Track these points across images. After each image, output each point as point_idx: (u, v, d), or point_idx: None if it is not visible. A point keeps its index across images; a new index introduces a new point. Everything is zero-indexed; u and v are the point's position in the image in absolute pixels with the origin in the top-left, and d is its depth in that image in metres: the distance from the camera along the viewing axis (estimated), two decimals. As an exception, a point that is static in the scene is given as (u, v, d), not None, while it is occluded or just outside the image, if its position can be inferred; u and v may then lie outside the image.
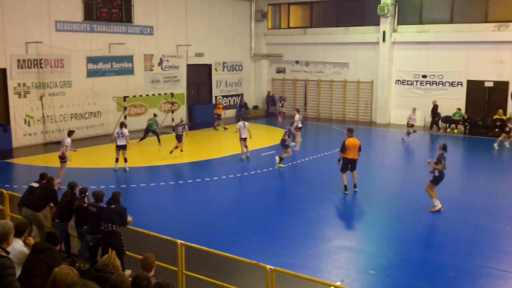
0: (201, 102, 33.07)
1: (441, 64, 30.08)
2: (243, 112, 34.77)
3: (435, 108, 28.87)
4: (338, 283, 9.63)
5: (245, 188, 17.33)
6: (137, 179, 18.13)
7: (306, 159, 21.32)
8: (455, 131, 28.96)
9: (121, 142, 18.73)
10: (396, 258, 11.30)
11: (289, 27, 36.03)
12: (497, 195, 16.61)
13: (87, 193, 10.70)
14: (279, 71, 36.74)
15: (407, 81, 31.56)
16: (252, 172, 19.02)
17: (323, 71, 34.65)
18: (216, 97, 33.87)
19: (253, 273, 9.93)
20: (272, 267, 8.03)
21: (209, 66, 33.52)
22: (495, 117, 27.53)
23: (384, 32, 31.31)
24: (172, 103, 28.41)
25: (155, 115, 25.44)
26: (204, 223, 13.49)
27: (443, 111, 29.33)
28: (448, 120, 29.40)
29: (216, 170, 19.81)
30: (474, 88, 29.28)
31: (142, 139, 24.47)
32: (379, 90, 32.11)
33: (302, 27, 35.42)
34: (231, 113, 34.86)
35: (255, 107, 36.43)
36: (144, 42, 28.83)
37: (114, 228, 9.62)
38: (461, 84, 29.76)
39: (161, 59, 29.89)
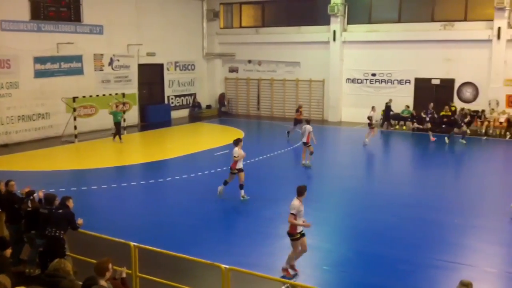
0: (154, 102, 32.71)
1: (390, 62, 30.82)
2: (196, 112, 34.75)
3: (388, 107, 29.55)
4: (292, 280, 9.74)
5: (200, 188, 17.25)
6: (89, 181, 17.78)
7: (260, 157, 21.41)
8: (404, 127, 29.73)
9: None
10: (350, 253, 11.51)
11: (241, 27, 36.09)
12: (445, 189, 17.12)
13: (32, 196, 10.38)
14: (232, 70, 36.76)
15: (358, 79, 32.17)
16: (206, 172, 18.97)
17: (276, 70, 34.89)
18: (168, 96, 33.63)
19: (208, 273, 9.92)
20: (227, 267, 8.04)
21: (161, 65, 33.18)
22: (442, 113, 28.36)
23: (334, 32, 31.80)
24: (124, 104, 27.99)
25: (116, 106, 25.06)
26: (160, 224, 13.37)
27: (393, 109, 30.10)
28: (397, 117, 30.16)
29: (170, 171, 19.67)
30: (422, 85, 30.15)
31: (115, 135, 24.12)
32: (331, 89, 32.61)
33: (254, 26, 35.55)
34: (184, 112, 34.72)
35: (208, 107, 36.31)
36: (94, 42, 28.24)
37: (58, 234, 9.35)
38: (409, 82, 30.59)
39: (111, 58, 29.38)
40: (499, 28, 27.47)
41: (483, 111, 28.08)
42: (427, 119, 26.18)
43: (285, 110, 34.77)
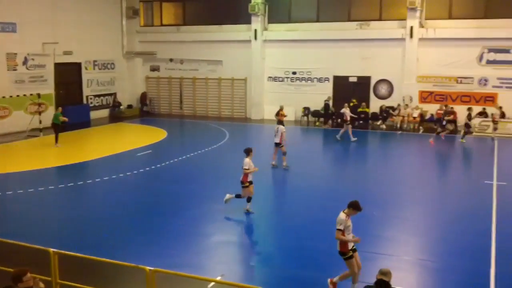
0: (72, 102, 31.55)
1: (309, 61, 31.58)
2: (117, 112, 33.96)
3: (327, 105, 30.18)
4: (218, 278, 9.78)
5: (122, 190, 16.90)
6: (2, 187, 16.92)
7: (184, 157, 21.28)
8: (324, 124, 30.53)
9: None
10: (274, 248, 11.71)
11: (162, 25, 35.64)
12: (364, 182, 17.75)
13: None
14: (153, 69, 36.24)
15: (279, 77, 32.69)
16: (128, 173, 18.61)
17: (198, 68, 34.77)
18: (87, 96, 32.64)
19: (133, 276, 9.76)
20: (152, 268, 7.95)
21: (79, 64, 32.10)
22: (359, 110, 29.42)
23: (255, 31, 32.13)
24: (39, 104, 26.86)
25: (57, 108, 24.21)
26: (81, 229, 12.97)
27: (312, 106, 30.92)
28: (317, 114, 30.93)
29: (91, 173, 19.11)
30: (340, 83, 31.12)
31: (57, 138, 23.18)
32: (253, 87, 32.93)
33: (175, 24, 35.22)
34: (104, 113, 33.83)
35: (129, 106, 35.58)
36: (7, 40, 26.87)
37: None
38: (328, 80, 31.48)
39: (25, 58, 28.09)
40: (411, 28, 28.84)
41: (398, 105, 29.36)
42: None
43: (208, 109, 34.74)
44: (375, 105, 30.37)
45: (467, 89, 28.76)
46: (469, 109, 25.24)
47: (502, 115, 26.50)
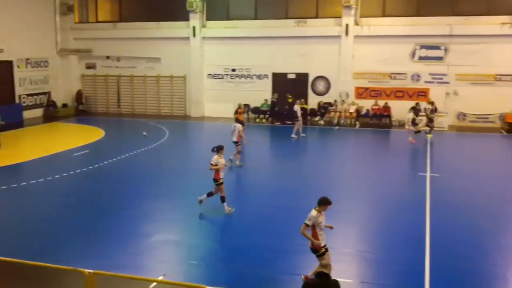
0: (3, 102, 30.25)
1: (248, 58, 31.73)
2: (52, 111, 32.94)
3: (273, 103, 30.34)
4: (160, 278, 9.69)
5: (59, 192, 16.38)
6: None
7: (123, 156, 20.89)
8: (264, 120, 30.79)
9: None
10: (216, 246, 11.71)
11: (98, 21, 34.79)
12: (306, 177, 18.01)
13: None
14: (89, 67, 35.34)
15: (218, 75, 32.66)
16: (64, 174, 18.07)
17: (136, 66, 34.21)
18: (20, 96, 31.44)
19: (72, 280, 9.50)
20: (91, 271, 7.78)
21: (10, 62, 30.84)
22: (299, 106, 29.74)
23: (194, 28, 31.94)
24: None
25: None
26: (16, 233, 12.49)
27: (252, 103, 31.10)
28: (257, 111, 31.15)
29: (25, 175, 18.43)
30: (279, 80, 31.44)
31: None
32: (192, 85, 32.75)
33: (111, 21, 34.46)
34: (38, 112, 32.72)
35: (64, 105, 34.54)
36: None
37: None
38: (267, 77, 31.73)
39: (-49, 55, 26.75)
40: (347, 25, 29.51)
41: (335, 101, 29.97)
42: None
43: (146, 107, 34.26)
44: (313, 101, 30.89)
45: (401, 84, 29.74)
46: (432, 103, 25.89)
47: (434, 110, 27.52)
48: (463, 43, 28.41)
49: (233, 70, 32.34)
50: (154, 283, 9.43)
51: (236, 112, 23.42)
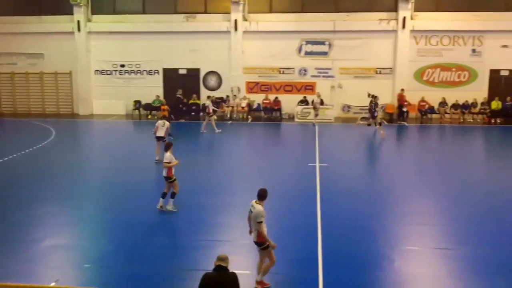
0: None
1: (138, 53, 31.13)
2: None
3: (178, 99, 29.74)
4: (52, 284, 9.31)
5: None
6: None
7: (6, 159, 19.67)
8: (156, 117, 30.24)
9: None
10: (110, 247, 11.40)
11: (-30, 15, 32.32)
12: (201, 174, 18.03)
13: None
14: (-37, 63, 32.81)
15: (107, 71, 31.71)
16: None
17: (17, 62, 32.30)
18: None
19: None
20: (-24, 282, 7.32)
21: None
22: (190, 101, 29.76)
23: (78, 22, 30.74)
24: None
25: None
26: None
27: (143, 99, 30.63)
28: (148, 107, 30.66)
29: None
30: (170, 75, 31.18)
31: None
32: (79, 81, 31.55)
33: (-14, 14, 32.17)
34: None
35: None
36: None
37: None
38: (158, 73, 31.34)
39: None
40: (235, 21, 29.87)
41: (227, 96, 30.27)
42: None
43: (30, 106, 32.47)
44: (205, 96, 30.91)
45: (289, 79, 30.68)
46: (375, 97, 26.65)
47: (321, 102, 28.71)
48: (346, 39, 29.88)
49: (122, 66, 31.55)
50: (56, 278, 9.05)
51: (159, 109, 23.18)
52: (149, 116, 30.46)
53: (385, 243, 11.50)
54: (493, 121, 28.80)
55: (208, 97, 27.69)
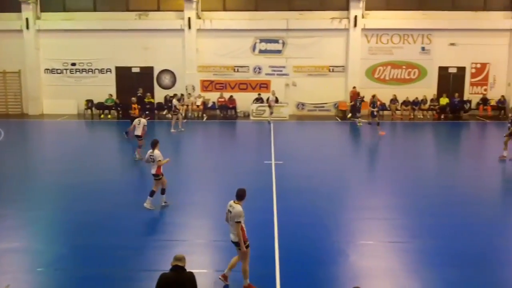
0: None
1: (89, 51, 30.54)
2: None
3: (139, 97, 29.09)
4: None
5: None
6: None
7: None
8: (109, 116, 29.91)
9: None
10: (63, 250, 11.16)
11: None
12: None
13: None
14: None
15: (57, 69, 30.98)
16: None
17: (-39, 61, 31.11)
18: None
19: None
20: None
21: None
22: (146, 100, 29.38)
23: (27, 19, 29.88)
24: None
25: None
26: None
27: (96, 98, 30.09)
28: (101, 106, 30.15)
29: None
30: (123, 74, 30.72)
31: None
32: (28, 80, 30.70)
33: None
34: None
35: None
36: None
37: None
38: (110, 71, 30.82)
39: None
40: (189, 19, 29.72)
41: (182, 94, 30.04)
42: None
43: (-24, 106, 31.40)
44: (159, 95, 30.69)
45: (244, 77, 30.75)
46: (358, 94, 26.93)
47: (276, 100, 28.89)
48: (299, 37, 30.18)
49: (73, 64, 30.87)
50: (7, 283, 8.79)
51: (132, 109, 22.89)
52: (102, 116, 29.93)
53: (340, 238, 11.70)
54: (442, 117, 29.68)
55: (175, 95, 27.46)
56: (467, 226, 12.38)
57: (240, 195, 9.33)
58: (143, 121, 19.34)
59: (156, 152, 13.59)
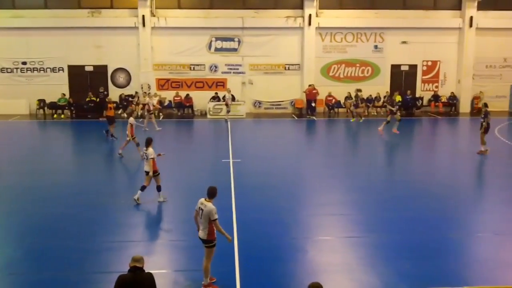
0: None
1: (41, 50, 29.82)
2: None
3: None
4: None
5: None
6: None
7: None
8: (62, 116, 29.27)
9: None
10: (17, 253, 10.85)
11: None
12: (104, 174, 17.61)
13: None
14: None
15: (7, 68, 30.11)
16: None
17: None
18: None
19: None
20: None
21: None
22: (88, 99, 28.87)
23: (-28, 17, 28.88)
24: None
25: None
26: None
27: (48, 98, 29.38)
28: (54, 106, 29.46)
29: None
30: (76, 72, 30.11)
31: None
32: (-24, 80, 29.68)
33: None
34: None
35: None
36: None
37: None
38: (63, 70, 30.16)
39: None
40: (143, 16, 29.32)
41: (136, 93, 29.67)
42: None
43: None
44: (114, 94, 30.20)
45: (200, 75, 30.64)
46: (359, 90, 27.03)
47: (232, 99, 28.90)
48: (255, 35, 30.28)
49: (24, 63, 30.03)
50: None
51: (108, 108, 22.69)
52: (55, 116, 29.24)
53: (298, 235, 11.82)
54: (395, 113, 30.29)
55: (148, 93, 27.06)
56: (421, 220, 12.70)
57: (212, 193, 9.37)
58: (131, 119, 19.58)
59: (150, 150, 13.93)
